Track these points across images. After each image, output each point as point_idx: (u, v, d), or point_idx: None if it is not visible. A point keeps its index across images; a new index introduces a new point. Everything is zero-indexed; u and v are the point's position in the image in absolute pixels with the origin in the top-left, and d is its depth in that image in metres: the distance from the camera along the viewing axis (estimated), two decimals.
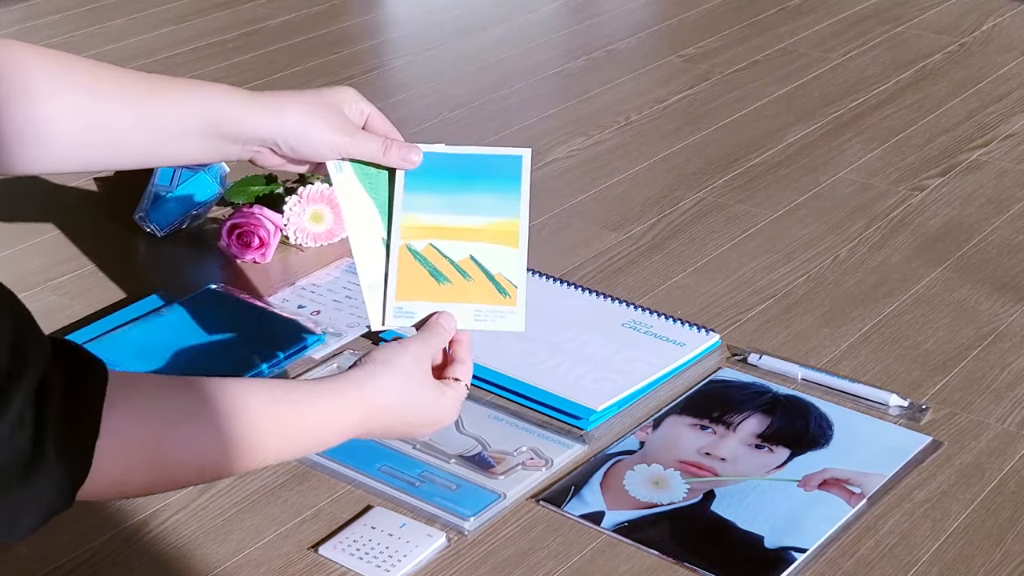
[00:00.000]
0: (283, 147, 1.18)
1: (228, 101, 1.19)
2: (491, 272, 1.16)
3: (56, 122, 1.13)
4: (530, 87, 2.28)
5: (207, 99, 1.18)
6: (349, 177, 1.18)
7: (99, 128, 1.15)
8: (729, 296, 1.60)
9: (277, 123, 1.17)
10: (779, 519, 1.22)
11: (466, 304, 1.15)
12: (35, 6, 2.74)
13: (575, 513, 1.24)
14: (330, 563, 1.19)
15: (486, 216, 1.17)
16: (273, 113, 1.18)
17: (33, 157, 1.15)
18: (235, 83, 2.40)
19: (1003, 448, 1.32)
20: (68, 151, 1.15)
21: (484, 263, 1.16)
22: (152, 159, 1.24)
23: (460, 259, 1.16)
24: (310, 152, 1.18)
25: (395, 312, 1.16)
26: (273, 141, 1.18)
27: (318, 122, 1.18)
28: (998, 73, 2.28)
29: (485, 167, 1.19)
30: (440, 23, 2.64)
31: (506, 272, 1.16)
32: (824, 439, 1.33)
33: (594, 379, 1.42)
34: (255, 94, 1.20)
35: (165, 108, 1.17)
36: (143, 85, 1.18)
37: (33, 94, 1.12)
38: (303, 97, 1.20)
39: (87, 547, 1.21)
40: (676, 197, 1.86)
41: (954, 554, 1.18)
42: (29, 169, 1.16)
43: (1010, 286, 1.61)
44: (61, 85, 1.14)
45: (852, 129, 2.07)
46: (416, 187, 1.17)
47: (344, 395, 1.05)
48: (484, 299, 1.16)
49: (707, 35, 2.49)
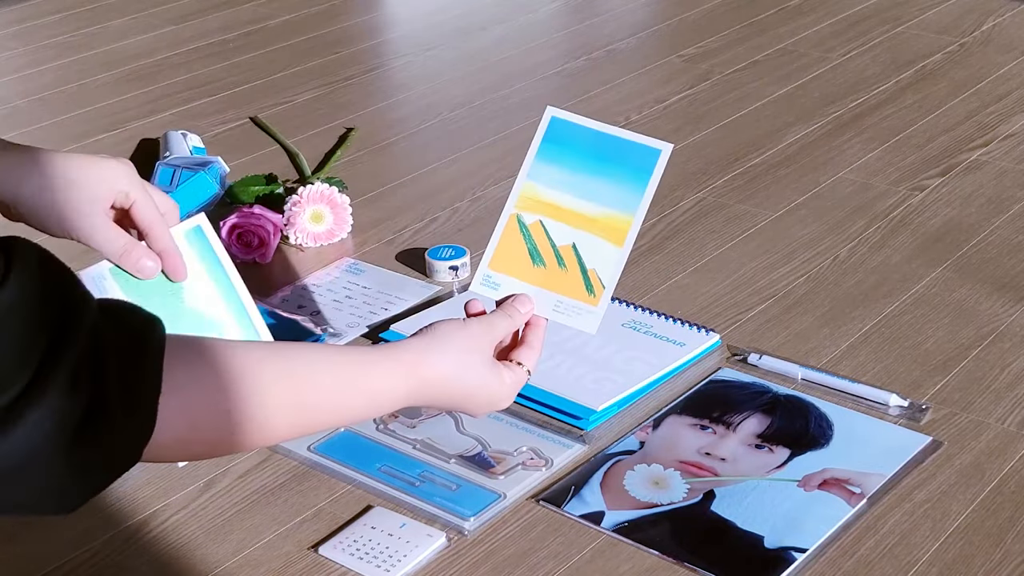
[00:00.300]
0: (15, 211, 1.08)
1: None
2: (587, 266, 1.13)
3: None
4: (530, 87, 2.28)
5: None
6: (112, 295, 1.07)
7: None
8: (729, 296, 1.60)
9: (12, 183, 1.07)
10: (779, 519, 1.22)
11: (551, 292, 1.12)
12: (35, 6, 2.74)
13: (575, 513, 1.24)
14: (330, 563, 1.19)
15: (603, 206, 1.13)
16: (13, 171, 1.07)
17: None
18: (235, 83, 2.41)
19: (1003, 448, 1.32)
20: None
21: (583, 255, 1.13)
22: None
23: (562, 244, 1.13)
24: (39, 226, 1.07)
25: (483, 280, 1.13)
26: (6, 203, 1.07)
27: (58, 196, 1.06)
28: (998, 73, 2.28)
29: (621, 153, 1.16)
30: (440, 23, 2.64)
31: (600, 270, 1.13)
32: (824, 439, 1.33)
33: (594, 379, 1.42)
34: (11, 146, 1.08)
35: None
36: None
37: None
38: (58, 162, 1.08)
39: (87, 547, 1.21)
40: (676, 197, 1.86)
41: (954, 554, 1.18)
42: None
43: (1010, 286, 1.61)
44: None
45: (852, 129, 2.07)
46: (548, 156, 1.15)
47: (399, 362, 1.02)
48: (570, 292, 1.13)
49: (707, 35, 2.49)
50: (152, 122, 2.15)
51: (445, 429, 1.35)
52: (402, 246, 1.73)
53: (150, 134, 2.09)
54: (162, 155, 1.87)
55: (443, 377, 1.04)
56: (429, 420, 1.36)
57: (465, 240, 1.71)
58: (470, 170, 1.96)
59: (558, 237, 1.13)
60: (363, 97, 2.26)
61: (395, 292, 1.60)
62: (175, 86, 2.31)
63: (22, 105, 2.26)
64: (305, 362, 0.97)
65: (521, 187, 1.14)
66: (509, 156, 2.00)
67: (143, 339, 0.83)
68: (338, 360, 1.00)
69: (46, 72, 2.41)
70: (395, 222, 1.80)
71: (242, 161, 1.98)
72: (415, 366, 1.03)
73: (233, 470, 1.30)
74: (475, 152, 2.02)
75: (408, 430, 1.34)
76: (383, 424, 1.35)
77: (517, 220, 1.13)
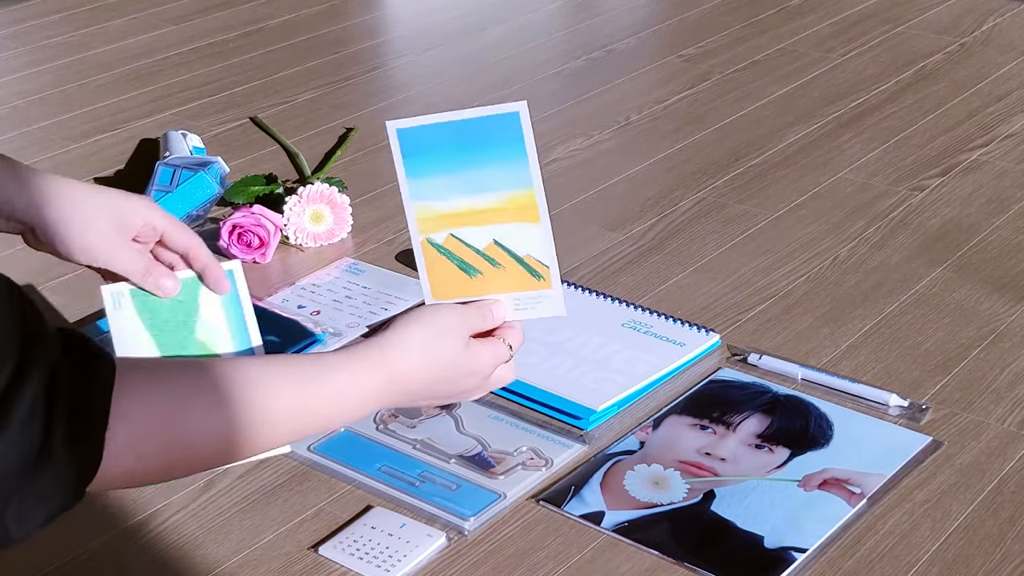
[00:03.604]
0: (42, 237, 1.10)
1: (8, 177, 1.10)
2: (519, 255, 1.09)
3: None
4: (530, 87, 2.28)
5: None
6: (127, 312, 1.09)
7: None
8: (729, 296, 1.60)
9: (37, 208, 1.09)
10: (779, 519, 1.22)
11: (502, 295, 1.09)
12: (35, 6, 2.74)
13: (575, 513, 1.24)
14: (330, 563, 1.19)
15: (499, 191, 1.08)
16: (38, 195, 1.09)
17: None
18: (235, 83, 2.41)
19: (1003, 448, 1.32)
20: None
21: (510, 246, 1.09)
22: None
23: (484, 246, 1.09)
24: (64, 251, 1.10)
25: None
26: (34, 227, 1.09)
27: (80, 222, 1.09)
28: (998, 73, 2.28)
29: (483, 133, 1.08)
30: (440, 23, 2.64)
31: (535, 252, 1.09)
32: (824, 439, 1.33)
33: (594, 379, 1.42)
34: (36, 171, 1.11)
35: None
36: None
37: None
38: (81, 193, 1.11)
39: (87, 547, 1.21)
40: (676, 197, 1.86)
41: (954, 554, 1.18)
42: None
43: (1010, 286, 1.61)
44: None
45: (852, 129, 2.07)
46: (418, 171, 1.09)
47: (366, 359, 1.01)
48: (519, 286, 1.10)
49: (707, 35, 2.49)
50: (152, 122, 2.15)
51: (445, 429, 1.35)
52: (402, 246, 1.73)
53: (150, 134, 2.09)
54: (162, 155, 1.87)
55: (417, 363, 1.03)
56: (429, 420, 1.36)
57: None
58: None
59: (477, 241, 1.09)
60: (363, 97, 2.26)
61: (395, 292, 1.60)
62: (175, 86, 2.31)
63: (22, 105, 2.26)
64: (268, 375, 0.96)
65: (413, 211, 1.09)
66: None
67: (92, 374, 0.84)
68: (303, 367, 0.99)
69: (46, 72, 2.41)
70: (395, 222, 1.79)
71: (242, 161, 1.98)
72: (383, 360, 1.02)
73: (233, 470, 1.30)
74: None
75: (408, 430, 1.34)
76: (383, 424, 1.36)
77: (431, 244, 1.10)
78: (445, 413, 1.37)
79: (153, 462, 0.89)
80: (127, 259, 1.10)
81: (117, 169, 1.98)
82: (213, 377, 0.93)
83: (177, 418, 0.90)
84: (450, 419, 1.36)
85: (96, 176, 1.95)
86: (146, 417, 0.88)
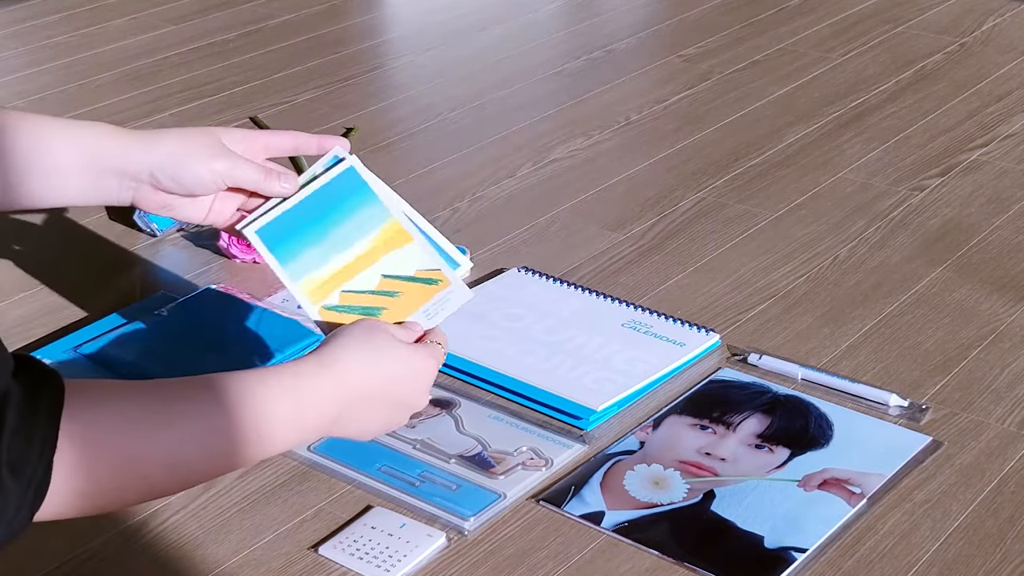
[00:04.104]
0: (162, 178, 1.12)
1: (103, 134, 1.13)
2: (409, 275, 1.13)
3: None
4: (530, 87, 2.28)
5: (82, 133, 1.13)
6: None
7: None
8: (729, 296, 1.60)
9: (151, 150, 1.12)
10: (779, 519, 1.22)
11: (413, 314, 1.12)
12: (35, 6, 2.74)
13: (575, 513, 1.24)
14: (330, 563, 1.19)
15: (367, 234, 1.13)
16: (147, 141, 1.13)
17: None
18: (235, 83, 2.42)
19: (1003, 448, 1.32)
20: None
21: (398, 272, 1.13)
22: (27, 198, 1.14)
23: (376, 284, 1.13)
24: (191, 179, 1.12)
25: None
26: (150, 172, 1.12)
27: (194, 147, 1.12)
28: (998, 73, 2.28)
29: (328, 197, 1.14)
30: (440, 23, 2.64)
31: (422, 264, 1.13)
32: (824, 439, 1.33)
33: (594, 379, 1.42)
34: (131, 130, 1.15)
35: (41, 141, 1.12)
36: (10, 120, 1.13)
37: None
38: (177, 129, 1.16)
39: (87, 547, 1.21)
40: (676, 197, 1.86)
41: (954, 554, 1.18)
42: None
43: (1010, 286, 1.61)
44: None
45: (852, 129, 2.07)
46: (289, 255, 1.12)
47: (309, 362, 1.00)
48: (423, 299, 1.13)
49: (707, 35, 2.49)
50: (152, 122, 2.15)
51: (445, 429, 1.35)
52: None
53: None
54: None
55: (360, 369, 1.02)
56: (429, 420, 1.36)
57: (465, 240, 1.71)
58: (470, 170, 1.96)
59: (367, 284, 1.13)
60: (363, 97, 2.26)
61: None
62: (175, 86, 2.31)
63: (22, 105, 2.26)
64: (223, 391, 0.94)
65: (300, 290, 1.12)
66: (509, 156, 2.00)
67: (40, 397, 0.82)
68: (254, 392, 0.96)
69: (46, 72, 2.41)
70: None
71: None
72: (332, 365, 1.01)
73: None
74: (475, 152, 2.02)
75: (408, 430, 1.34)
76: None
77: (328, 309, 1.12)
78: (445, 413, 1.37)
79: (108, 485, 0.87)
80: (247, 169, 1.14)
81: None
82: (166, 396, 0.92)
83: (127, 439, 0.88)
84: (450, 419, 1.36)
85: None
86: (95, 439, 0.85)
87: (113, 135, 1.13)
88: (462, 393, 1.41)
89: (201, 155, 1.12)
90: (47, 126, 1.14)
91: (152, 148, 1.12)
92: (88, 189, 1.13)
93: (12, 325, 1.56)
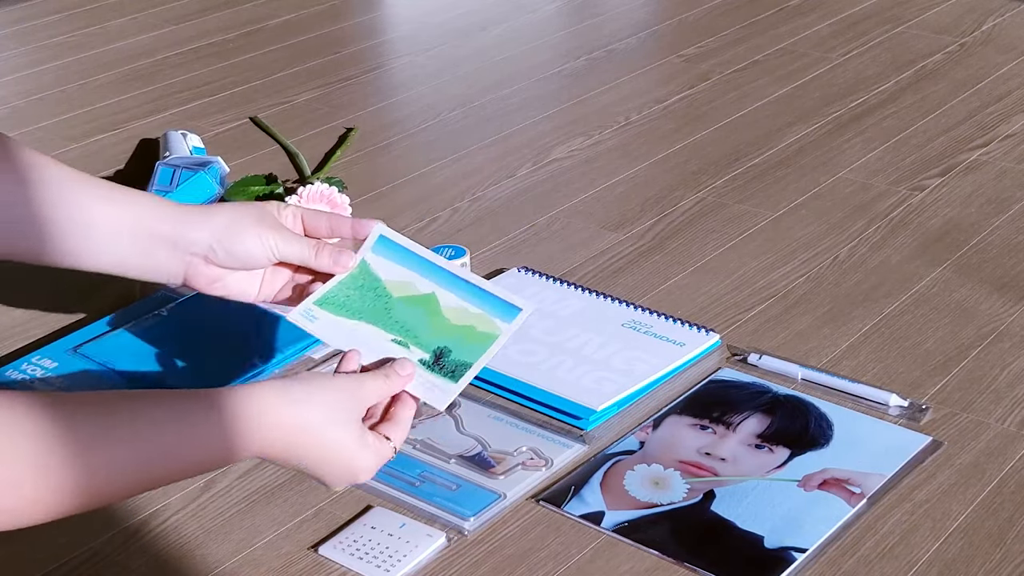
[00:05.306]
0: (217, 251, 1.13)
1: (156, 204, 1.15)
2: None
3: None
4: (530, 87, 2.28)
5: (137, 201, 1.14)
6: (325, 318, 1.13)
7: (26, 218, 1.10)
8: (729, 296, 1.60)
9: (206, 223, 1.13)
10: (779, 519, 1.22)
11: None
12: (35, 6, 2.74)
13: (575, 513, 1.24)
14: (330, 563, 1.19)
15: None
16: (202, 215, 1.14)
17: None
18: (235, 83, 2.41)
19: (1003, 448, 1.32)
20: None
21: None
22: (70, 256, 1.15)
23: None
24: (244, 252, 1.13)
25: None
26: (208, 245, 1.13)
27: (248, 220, 1.13)
28: (998, 73, 2.28)
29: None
30: (440, 23, 2.64)
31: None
32: (824, 439, 1.33)
33: (594, 379, 1.42)
34: (181, 204, 1.17)
35: (94, 204, 1.13)
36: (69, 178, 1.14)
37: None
38: (229, 203, 1.17)
39: (87, 547, 1.21)
40: (676, 197, 1.86)
41: (954, 554, 1.18)
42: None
43: (1010, 286, 1.61)
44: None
45: (852, 129, 2.07)
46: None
47: (249, 403, 0.98)
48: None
49: (707, 35, 2.49)
50: (152, 122, 2.15)
51: (445, 429, 1.35)
52: None
53: (150, 134, 2.09)
54: (162, 155, 1.87)
55: (301, 426, 1.00)
56: (429, 420, 1.36)
57: (465, 240, 1.71)
58: (470, 170, 1.96)
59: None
60: (363, 97, 2.26)
61: None
62: (175, 86, 2.31)
63: (22, 105, 2.26)
64: (130, 416, 0.93)
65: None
66: (509, 156, 2.00)
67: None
68: (175, 407, 0.96)
69: (46, 72, 2.41)
70: (395, 222, 1.79)
71: (242, 161, 1.98)
72: (272, 408, 0.99)
73: (233, 470, 1.30)
74: (475, 152, 2.02)
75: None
76: None
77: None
78: (445, 413, 1.37)
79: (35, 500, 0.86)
80: (297, 245, 1.14)
81: (117, 169, 1.98)
82: (83, 412, 0.91)
83: (51, 457, 0.87)
84: (450, 419, 1.36)
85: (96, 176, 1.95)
86: (20, 456, 0.85)
87: (166, 206, 1.14)
88: (462, 393, 1.40)
89: (253, 225, 1.13)
90: (99, 189, 1.14)
91: (207, 222, 1.13)
92: (135, 256, 1.14)
93: (12, 325, 1.56)
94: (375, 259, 1.17)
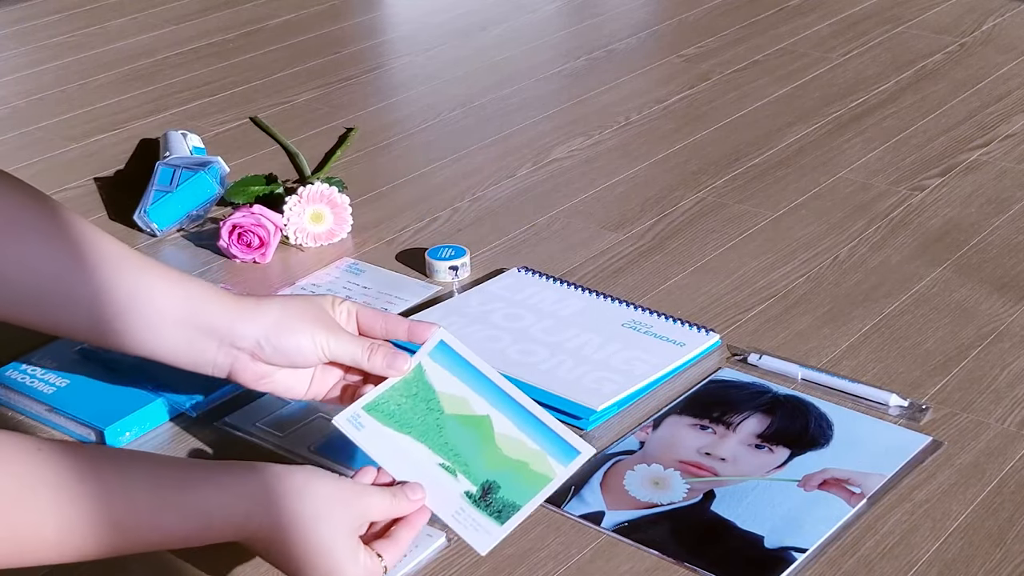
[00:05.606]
0: (265, 347, 1.10)
1: (210, 294, 1.11)
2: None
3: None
4: (530, 87, 2.28)
5: (188, 288, 1.11)
6: (372, 427, 1.11)
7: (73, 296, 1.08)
8: (729, 296, 1.60)
9: (256, 318, 1.10)
10: (779, 519, 1.22)
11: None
12: (35, 6, 2.74)
13: (575, 513, 1.24)
14: None
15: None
16: (253, 309, 1.11)
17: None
18: (235, 83, 2.41)
19: (1003, 448, 1.32)
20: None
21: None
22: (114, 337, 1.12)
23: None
24: (294, 349, 1.10)
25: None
26: (256, 340, 1.10)
27: (299, 316, 1.10)
28: (998, 73, 2.28)
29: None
30: (440, 23, 2.64)
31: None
32: (824, 439, 1.33)
33: (594, 379, 1.42)
34: (234, 294, 1.14)
35: (152, 289, 1.10)
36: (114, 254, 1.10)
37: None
38: (280, 297, 1.14)
39: None
40: (676, 197, 1.86)
41: (954, 554, 1.18)
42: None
43: (1010, 286, 1.61)
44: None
45: (852, 129, 2.07)
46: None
47: (245, 481, 0.97)
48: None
49: (707, 35, 2.49)
50: (152, 122, 2.15)
51: None
52: (402, 246, 1.73)
53: (150, 134, 2.09)
54: (162, 155, 1.87)
55: (293, 520, 0.98)
56: None
57: (465, 240, 1.71)
58: (470, 170, 1.96)
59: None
60: (363, 97, 2.26)
61: (395, 292, 1.60)
62: (175, 86, 2.31)
63: (22, 105, 2.26)
64: (119, 478, 0.92)
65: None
66: (509, 156, 2.00)
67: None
68: (162, 475, 0.94)
69: (46, 72, 2.41)
70: (395, 222, 1.80)
71: (242, 161, 1.98)
72: (266, 491, 0.97)
73: None
74: (475, 152, 2.02)
75: None
76: None
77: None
78: None
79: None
80: (349, 345, 1.10)
81: (117, 169, 1.98)
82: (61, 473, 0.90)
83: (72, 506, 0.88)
84: None
85: (96, 176, 1.95)
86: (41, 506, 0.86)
87: (218, 297, 1.11)
88: None
89: (304, 323, 1.10)
90: (153, 272, 1.11)
91: (257, 316, 1.10)
92: (181, 344, 1.11)
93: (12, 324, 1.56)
94: (432, 366, 1.14)
